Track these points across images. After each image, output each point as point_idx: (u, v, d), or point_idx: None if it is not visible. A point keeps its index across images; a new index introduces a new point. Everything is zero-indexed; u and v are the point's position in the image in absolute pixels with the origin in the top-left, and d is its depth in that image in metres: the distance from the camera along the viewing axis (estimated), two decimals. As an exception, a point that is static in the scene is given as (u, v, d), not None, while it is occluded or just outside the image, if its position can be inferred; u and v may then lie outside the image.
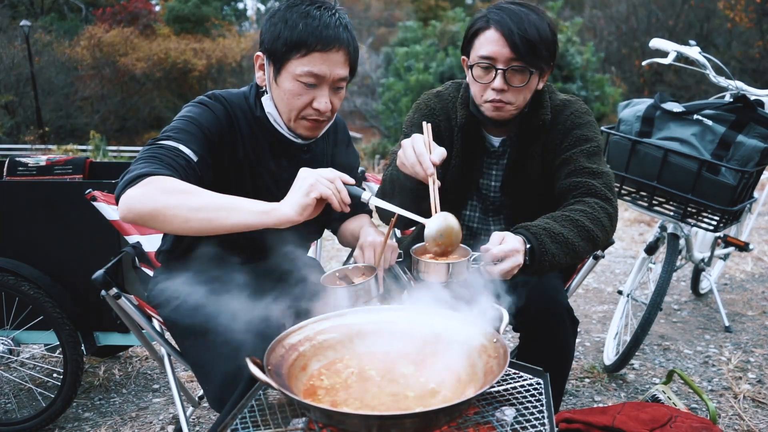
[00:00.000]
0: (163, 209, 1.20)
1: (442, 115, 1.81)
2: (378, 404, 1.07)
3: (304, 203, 1.20)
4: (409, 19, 23.05)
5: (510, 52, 1.55)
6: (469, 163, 1.82)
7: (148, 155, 1.34)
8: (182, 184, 1.25)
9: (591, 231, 1.49)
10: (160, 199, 1.21)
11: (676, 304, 3.61)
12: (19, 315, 2.28)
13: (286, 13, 1.42)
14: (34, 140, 19.47)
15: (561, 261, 1.43)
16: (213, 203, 1.21)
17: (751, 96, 2.57)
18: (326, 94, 1.46)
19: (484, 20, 1.60)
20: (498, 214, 1.88)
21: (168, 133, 1.41)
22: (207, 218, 1.20)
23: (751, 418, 2.28)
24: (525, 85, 1.59)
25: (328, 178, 1.23)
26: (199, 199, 1.22)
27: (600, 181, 1.61)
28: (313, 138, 1.58)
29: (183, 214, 1.20)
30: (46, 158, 2.64)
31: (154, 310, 1.69)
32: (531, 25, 1.54)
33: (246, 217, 1.20)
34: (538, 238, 1.39)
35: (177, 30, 29.78)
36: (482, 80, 1.62)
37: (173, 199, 1.21)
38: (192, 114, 1.47)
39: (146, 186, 1.23)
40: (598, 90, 14.30)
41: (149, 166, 1.29)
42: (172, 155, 1.35)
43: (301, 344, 1.20)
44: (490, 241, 1.35)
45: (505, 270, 1.31)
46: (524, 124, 1.73)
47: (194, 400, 2.21)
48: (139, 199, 1.22)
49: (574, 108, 1.74)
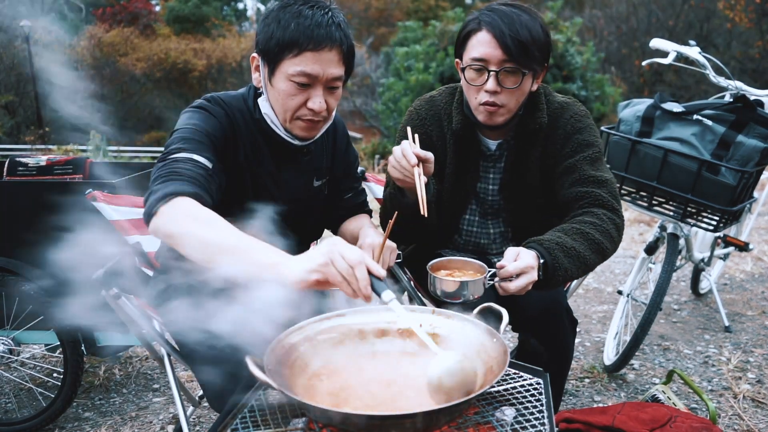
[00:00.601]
0: (182, 235, 1.19)
1: (433, 123, 1.81)
2: (378, 404, 1.07)
3: (304, 279, 1.07)
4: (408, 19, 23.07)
5: (502, 54, 1.54)
6: (465, 168, 1.81)
7: (167, 172, 1.31)
8: (206, 213, 1.22)
9: (601, 243, 1.51)
10: (182, 224, 1.20)
11: (676, 304, 3.61)
12: (19, 315, 2.28)
13: (279, 13, 1.42)
14: (34, 140, 19.46)
15: (573, 275, 1.45)
16: (224, 243, 1.15)
17: (751, 96, 2.57)
18: (320, 93, 1.46)
19: (476, 22, 1.60)
20: (497, 217, 1.88)
21: (178, 145, 1.39)
22: (213, 255, 1.15)
23: (750, 418, 2.28)
24: (518, 86, 1.58)
25: (350, 262, 1.06)
26: (215, 234, 1.17)
27: (605, 190, 1.62)
28: (309, 139, 1.57)
29: (194, 245, 1.18)
30: (46, 158, 2.64)
31: (154, 310, 1.69)
32: (523, 26, 1.54)
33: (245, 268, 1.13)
34: (551, 253, 1.41)
35: (177, 30, 29.77)
36: (475, 82, 1.62)
37: (193, 227, 1.19)
38: (195, 121, 1.46)
39: (175, 207, 1.22)
40: (598, 90, 14.29)
41: (173, 184, 1.26)
42: (191, 166, 1.33)
43: (301, 344, 1.20)
44: (505, 257, 1.37)
45: (520, 286, 1.33)
46: (520, 127, 1.73)
47: (194, 400, 2.21)
48: (167, 219, 1.22)
49: (573, 111, 1.73)
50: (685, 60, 2.69)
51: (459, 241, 1.94)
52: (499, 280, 1.35)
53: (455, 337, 1.22)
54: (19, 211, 2.20)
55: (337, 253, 1.07)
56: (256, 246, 1.14)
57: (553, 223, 1.79)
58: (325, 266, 1.06)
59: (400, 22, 19.94)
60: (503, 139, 1.77)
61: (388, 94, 15.00)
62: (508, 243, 1.91)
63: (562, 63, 13.42)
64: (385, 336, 1.28)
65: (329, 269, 1.06)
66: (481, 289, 1.36)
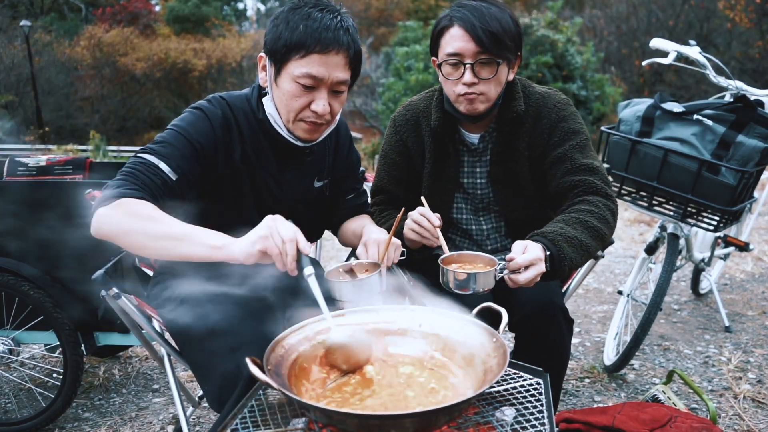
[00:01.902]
0: (125, 234, 1.27)
1: (408, 129, 1.89)
2: (378, 404, 1.07)
3: (249, 251, 1.19)
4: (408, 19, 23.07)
5: (475, 46, 1.60)
6: (444, 164, 1.85)
7: (128, 171, 1.38)
8: (148, 209, 1.29)
9: (600, 230, 1.55)
10: (123, 223, 1.27)
11: (676, 304, 3.61)
12: (19, 315, 2.28)
13: (289, 15, 1.43)
14: (34, 140, 19.46)
15: (577, 264, 1.50)
16: (170, 232, 1.25)
17: (751, 96, 2.57)
18: (324, 96, 1.46)
19: (448, 19, 1.65)
20: (488, 211, 1.90)
21: (155, 146, 1.44)
22: (163, 247, 1.25)
23: (751, 418, 2.28)
24: (494, 76, 1.63)
25: (285, 237, 1.19)
26: (159, 227, 1.26)
27: (598, 177, 1.66)
28: (312, 141, 1.58)
29: (141, 240, 1.26)
30: (46, 158, 2.64)
31: (154, 310, 1.69)
32: (492, 17, 1.59)
33: (197, 249, 1.23)
34: (556, 244, 1.45)
35: (177, 30, 29.76)
36: (452, 77, 1.66)
37: (136, 225, 1.26)
38: (183, 124, 1.49)
39: (115, 209, 1.28)
40: (598, 90, 14.27)
41: (124, 186, 1.34)
42: (151, 173, 1.38)
43: (300, 344, 1.20)
44: (513, 250, 1.40)
45: (529, 278, 1.37)
46: (499, 117, 1.76)
47: (194, 400, 2.20)
48: (106, 220, 1.29)
49: (555, 100, 1.77)
50: (685, 60, 2.69)
51: (454, 238, 1.95)
52: (509, 273, 1.38)
53: (455, 337, 1.22)
54: (19, 211, 2.20)
55: (275, 228, 1.19)
56: (202, 232, 1.25)
57: (546, 213, 1.81)
58: (265, 239, 1.18)
59: (400, 22, 19.93)
60: (484, 132, 1.80)
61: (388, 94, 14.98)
62: (502, 238, 1.93)
63: (562, 63, 13.40)
64: (387, 335, 1.28)
65: (268, 242, 1.18)
66: (492, 282, 1.39)
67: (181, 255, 1.24)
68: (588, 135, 1.75)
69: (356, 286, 1.41)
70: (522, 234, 1.58)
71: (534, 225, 1.62)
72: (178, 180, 1.42)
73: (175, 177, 1.41)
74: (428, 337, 1.26)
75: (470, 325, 1.22)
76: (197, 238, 1.24)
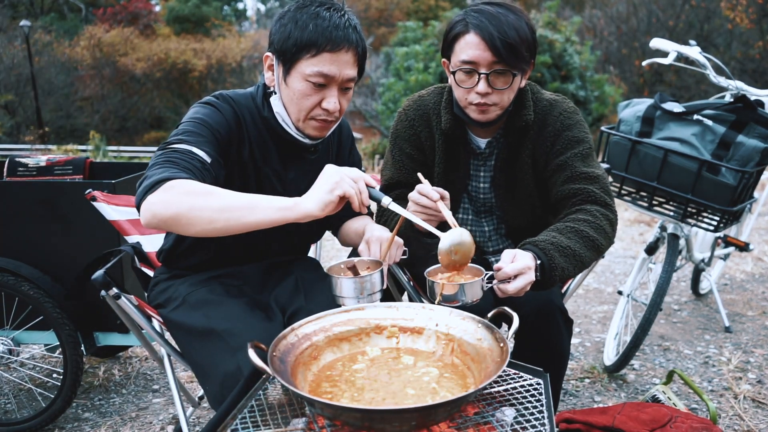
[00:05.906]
0: (187, 212, 1.20)
1: (422, 123, 1.82)
2: (379, 399, 1.08)
3: (327, 200, 1.20)
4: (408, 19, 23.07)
5: (492, 56, 1.55)
6: (455, 166, 1.82)
7: (162, 160, 1.32)
8: (203, 186, 1.25)
9: (595, 240, 1.52)
10: (183, 202, 1.21)
11: (676, 305, 3.61)
12: (19, 315, 2.28)
13: (296, 14, 1.43)
14: (34, 140, 19.46)
15: (569, 274, 1.46)
16: (236, 203, 1.22)
17: (751, 96, 2.57)
18: (335, 94, 1.47)
19: (463, 24, 1.59)
20: (490, 215, 1.89)
21: (179, 137, 1.40)
22: (232, 218, 1.20)
23: (751, 419, 2.28)
24: (509, 86, 1.60)
25: (353, 177, 1.24)
26: (222, 199, 1.22)
27: (598, 186, 1.63)
28: (320, 138, 1.58)
29: (207, 215, 1.20)
30: (46, 158, 2.64)
31: (154, 310, 1.69)
32: (510, 27, 1.54)
33: (269, 213, 1.20)
34: (547, 253, 1.42)
35: (177, 30, 29.77)
36: (465, 84, 1.62)
37: (197, 201, 1.21)
38: (201, 115, 1.47)
39: (168, 191, 1.23)
40: (598, 90, 14.27)
41: (167, 171, 1.28)
42: (187, 158, 1.34)
43: (315, 334, 1.21)
44: (502, 259, 1.37)
45: (518, 288, 1.34)
46: (509, 124, 1.74)
47: (194, 400, 2.21)
48: (162, 204, 1.22)
49: (562, 108, 1.74)
50: (686, 60, 2.69)
51: None
52: (497, 282, 1.35)
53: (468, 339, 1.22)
54: (19, 211, 2.20)
55: (342, 172, 1.23)
56: (266, 197, 1.23)
57: (547, 220, 1.79)
58: (340, 183, 1.21)
59: (400, 22, 19.94)
60: (492, 137, 1.78)
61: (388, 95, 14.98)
62: (503, 240, 1.92)
63: (561, 63, 13.38)
64: (402, 333, 1.29)
65: (344, 185, 1.21)
66: (480, 292, 1.35)
67: (251, 223, 1.21)
68: (592, 144, 1.72)
69: (358, 282, 1.41)
70: (523, 237, 1.56)
71: (535, 231, 1.59)
72: (212, 163, 1.39)
73: (210, 160, 1.38)
74: (442, 337, 1.25)
75: (472, 323, 1.22)
76: (265, 202, 1.21)
